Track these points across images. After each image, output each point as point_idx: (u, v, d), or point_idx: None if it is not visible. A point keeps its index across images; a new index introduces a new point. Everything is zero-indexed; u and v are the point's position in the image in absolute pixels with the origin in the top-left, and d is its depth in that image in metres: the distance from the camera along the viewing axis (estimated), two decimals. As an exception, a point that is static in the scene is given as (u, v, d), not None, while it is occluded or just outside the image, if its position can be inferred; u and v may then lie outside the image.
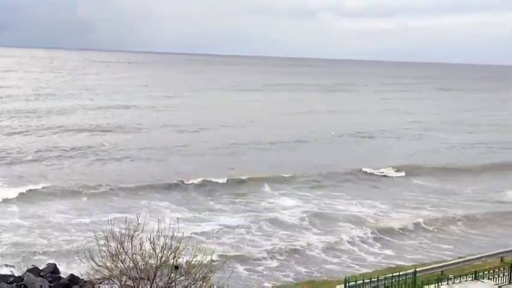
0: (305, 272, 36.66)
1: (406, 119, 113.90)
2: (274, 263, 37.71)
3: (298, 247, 40.61)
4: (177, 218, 28.03)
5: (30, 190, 50.17)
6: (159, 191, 52.80)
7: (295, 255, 39.10)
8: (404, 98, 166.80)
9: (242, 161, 68.25)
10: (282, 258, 38.52)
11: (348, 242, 42.28)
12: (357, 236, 43.40)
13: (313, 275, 36.17)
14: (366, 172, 64.05)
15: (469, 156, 78.65)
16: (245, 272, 35.97)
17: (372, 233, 44.17)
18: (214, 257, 23.96)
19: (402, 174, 64.44)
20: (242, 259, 37.61)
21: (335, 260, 38.92)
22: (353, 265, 38.14)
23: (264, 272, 36.31)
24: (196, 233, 39.97)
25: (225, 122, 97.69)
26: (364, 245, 41.89)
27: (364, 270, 35.66)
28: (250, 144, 78.19)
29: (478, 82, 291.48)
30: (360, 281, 27.20)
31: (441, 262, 34.64)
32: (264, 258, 38.27)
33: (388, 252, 41.03)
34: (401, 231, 45.25)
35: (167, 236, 19.95)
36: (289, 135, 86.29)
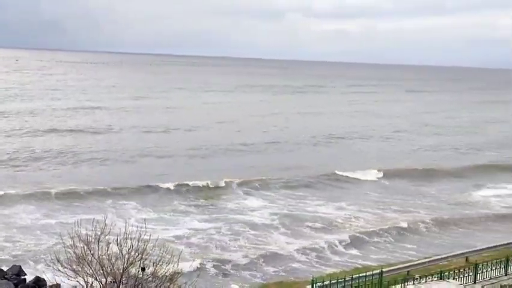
0: (273, 271, 36.73)
1: (376, 121, 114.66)
2: (242, 264, 37.70)
3: (267, 248, 40.73)
4: (144, 219, 27.99)
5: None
6: (127, 192, 52.34)
7: (265, 256, 39.11)
8: (373, 99, 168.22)
9: (212, 163, 67.94)
10: (250, 258, 38.52)
11: (318, 243, 42.40)
12: (328, 238, 43.56)
13: (280, 274, 36.30)
14: (338, 174, 64.06)
15: (437, 157, 79.53)
16: (213, 273, 35.94)
17: (343, 234, 44.36)
18: (182, 258, 23.89)
19: (374, 176, 64.61)
20: (210, 260, 37.58)
21: (304, 260, 39.05)
22: (322, 266, 38.30)
23: (232, 272, 36.32)
24: (163, 234, 39.75)
25: (194, 123, 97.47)
26: (334, 246, 42.06)
27: (332, 270, 35.89)
28: (221, 146, 77.96)
29: (445, 83, 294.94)
30: (328, 282, 27.38)
31: (407, 262, 34.99)
32: (232, 259, 38.25)
33: (354, 252, 41.34)
34: (369, 231, 45.56)
35: (134, 238, 19.93)
36: (260, 137, 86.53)
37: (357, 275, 28.33)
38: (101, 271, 19.48)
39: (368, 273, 28.60)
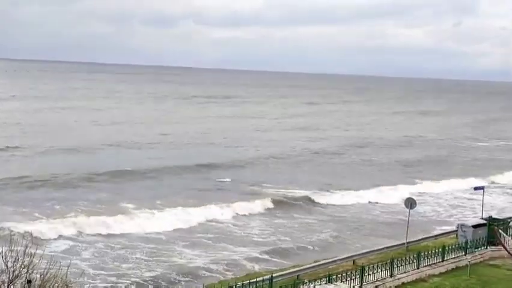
0: (167, 282, 36.60)
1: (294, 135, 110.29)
2: (137, 275, 37.33)
3: (161, 259, 40.60)
4: (31, 233, 27.26)
5: None
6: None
7: (162, 265, 39.01)
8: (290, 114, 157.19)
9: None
10: (151, 269, 38.32)
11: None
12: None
13: (174, 282, 36.20)
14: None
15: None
16: (100, 284, 35.40)
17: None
18: (71, 271, 23.58)
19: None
20: (105, 274, 37.11)
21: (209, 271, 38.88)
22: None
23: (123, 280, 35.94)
24: (51, 248, 38.52)
25: (103, 140, 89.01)
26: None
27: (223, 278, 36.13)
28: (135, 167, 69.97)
29: (358, 91, 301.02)
30: (218, 289, 27.71)
31: (297, 266, 35.73)
32: (125, 271, 37.82)
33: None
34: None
35: (19, 250, 19.63)
36: (168, 156, 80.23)
37: (248, 281, 28.79)
38: (-15, 285, 19.09)
39: (258, 279, 29.11)
